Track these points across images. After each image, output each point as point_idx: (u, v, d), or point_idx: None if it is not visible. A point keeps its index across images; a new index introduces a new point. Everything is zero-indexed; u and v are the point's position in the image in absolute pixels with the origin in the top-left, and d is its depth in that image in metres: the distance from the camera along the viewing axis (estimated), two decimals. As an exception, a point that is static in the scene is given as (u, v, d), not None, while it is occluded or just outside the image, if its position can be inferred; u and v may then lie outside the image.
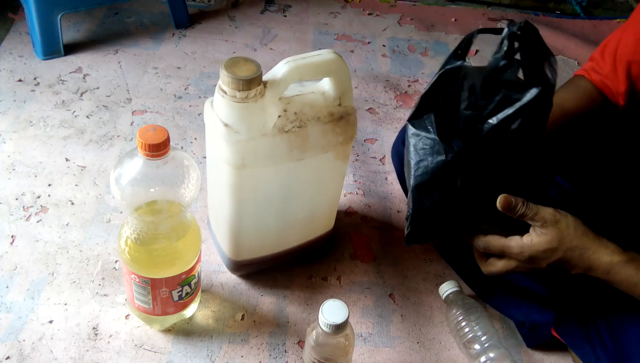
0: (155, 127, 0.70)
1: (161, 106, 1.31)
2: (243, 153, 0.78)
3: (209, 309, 0.93)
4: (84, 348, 0.86)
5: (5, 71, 1.34)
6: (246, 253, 0.94)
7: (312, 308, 0.96)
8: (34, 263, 0.96)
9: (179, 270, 0.80)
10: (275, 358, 0.88)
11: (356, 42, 1.61)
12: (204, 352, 0.88)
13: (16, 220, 1.03)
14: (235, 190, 0.83)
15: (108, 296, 0.93)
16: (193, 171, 0.75)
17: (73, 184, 1.10)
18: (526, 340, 0.94)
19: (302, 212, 0.93)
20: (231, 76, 0.74)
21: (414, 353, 0.92)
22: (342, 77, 0.82)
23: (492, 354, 0.86)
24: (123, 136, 1.22)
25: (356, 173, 1.21)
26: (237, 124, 0.77)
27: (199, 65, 1.44)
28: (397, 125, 1.34)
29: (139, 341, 0.88)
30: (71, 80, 1.34)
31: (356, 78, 1.47)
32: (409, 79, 1.50)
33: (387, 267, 1.04)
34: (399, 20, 1.73)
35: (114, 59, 1.42)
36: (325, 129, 0.83)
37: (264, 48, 1.54)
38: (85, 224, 1.03)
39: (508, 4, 1.87)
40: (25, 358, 0.84)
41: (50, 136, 1.19)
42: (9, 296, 0.91)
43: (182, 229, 0.79)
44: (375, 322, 0.95)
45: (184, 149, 1.21)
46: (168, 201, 0.76)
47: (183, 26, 1.56)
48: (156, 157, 0.70)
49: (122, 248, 0.79)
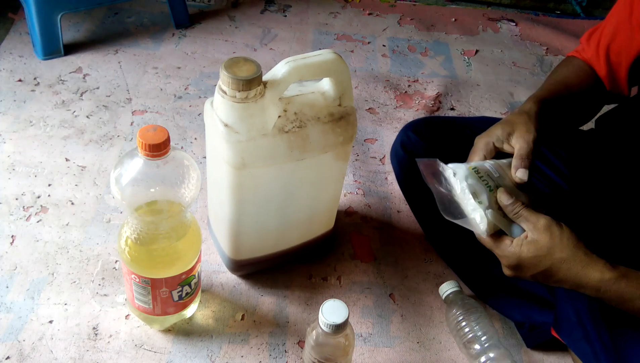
0: (155, 127, 0.70)
1: (161, 106, 1.31)
2: (243, 153, 0.78)
3: (209, 309, 0.93)
4: (84, 348, 0.86)
5: (5, 71, 1.34)
6: (246, 253, 0.94)
7: (312, 308, 0.96)
8: (34, 263, 0.96)
9: (179, 270, 0.80)
10: (275, 358, 0.88)
11: (356, 42, 1.61)
12: (204, 352, 0.88)
13: (16, 220, 1.03)
14: (235, 190, 0.83)
15: (108, 296, 0.93)
16: (193, 171, 0.75)
17: (73, 184, 1.10)
18: (526, 340, 0.94)
19: (302, 212, 0.92)
20: (231, 76, 0.74)
21: (414, 353, 0.92)
22: (342, 77, 0.82)
23: (492, 354, 0.87)
24: (123, 136, 1.22)
25: (356, 173, 1.21)
26: (237, 124, 0.77)
27: (199, 65, 1.44)
28: (397, 125, 1.34)
29: (139, 341, 0.88)
30: (71, 80, 1.34)
31: (356, 78, 1.47)
32: (409, 79, 1.50)
33: (387, 267, 1.04)
34: (399, 20, 1.73)
35: (114, 59, 1.42)
36: (325, 129, 0.83)
37: (264, 48, 1.54)
38: (85, 225, 1.03)
39: (508, 4, 1.87)
40: (25, 358, 0.84)
41: (50, 136, 1.19)
42: (9, 296, 0.91)
43: (182, 229, 0.79)
44: (375, 322, 0.95)
45: (184, 149, 1.21)
46: (168, 201, 0.76)
47: (183, 26, 1.56)
48: (156, 157, 0.70)
49: (122, 248, 0.79)
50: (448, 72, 1.55)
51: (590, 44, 0.90)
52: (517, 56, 1.64)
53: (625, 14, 0.85)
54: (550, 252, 0.70)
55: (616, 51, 0.87)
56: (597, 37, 0.89)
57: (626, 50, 0.86)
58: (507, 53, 1.65)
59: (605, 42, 0.88)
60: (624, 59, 0.87)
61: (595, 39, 0.90)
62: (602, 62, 0.88)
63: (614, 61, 0.87)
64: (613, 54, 0.87)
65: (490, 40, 1.70)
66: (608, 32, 0.88)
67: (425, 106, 1.41)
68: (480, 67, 1.58)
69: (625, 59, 0.86)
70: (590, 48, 0.90)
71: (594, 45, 0.90)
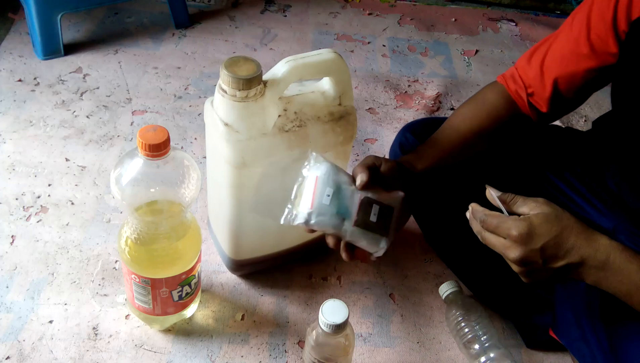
0: (155, 127, 0.70)
1: (161, 106, 1.31)
2: (243, 152, 0.78)
3: (209, 309, 0.93)
4: (84, 348, 0.86)
5: (5, 71, 1.34)
6: (246, 253, 0.94)
7: (312, 308, 0.96)
8: (34, 263, 0.96)
9: (179, 270, 0.80)
10: (275, 358, 0.88)
11: (356, 42, 1.61)
12: (204, 352, 0.88)
13: (16, 220, 1.02)
14: (235, 190, 0.83)
15: (108, 296, 0.93)
16: (193, 171, 0.75)
17: (73, 184, 1.10)
18: (526, 340, 0.94)
19: (302, 212, 0.92)
20: (231, 75, 0.74)
21: (414, 353, 0.92)
22: (342, 77, 0.82)
23: (492, 354, 0.86)
24: (123, 136, 1.22)
25: (356, 173, 1.21)
26: (237, 124, 0.77)
27: (199, 65, 1.44)
28: (397, 125, 1.34)
29: (139, 341, 0.88)
30: (71, 80, 1.34)
31: (356, 78, 1.47)
32: (409, 79, 1.50)
33: (387, 267, 1.04)
34: (399, 20, 1.73)
35: (114, 59, 1.42)
36: (325, 128, 0.83)
37: (264, 48, 1.54)
38: (85, 225, 1.03)
39: (508, 4, 1.87)
40: (25, 358, 0.84)
41: (50, 136, 1.19)
42: (9, 296, 0.91)
43: (182, 229, 0.79)
44: (375, 322, 0.95)
45: (184, 149, 1.21)
46: (168, 201, 0.76)
47: (183, 26, 1.56)
48: (156, 157, 0.70)
49: (122, 248, 0.79)
50: (448, 72, 1.55)
51: (532, 64, 0.86)
52: (517, 56, 1.64)
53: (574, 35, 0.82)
54: (558, 218, 0.69)
55: (560, 70, 0.83)
56: (541, 58, 0.85)
57: (571, 72, 0.82)
58: (507, 53, 1.66)
59: (552, 69, 0.84)
60: (567, 80, 0.83)
61: (537, 59, 0.85)
62: (548, 84, 0.84)
63: (563, 88, 0.84)
64: (563, 82, 0.83)
65: (490, 40, 1.70)
66: (554, 58, 0.84)
67: (425, 106, 1.41)
68: (480, 67, 1.58)
69: (570, 80, 0.83)
70: (532, 68, 0.86)
71: (537, 65, 0.85)
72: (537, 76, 0.85)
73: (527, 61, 0.87)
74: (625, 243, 0.87)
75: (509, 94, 0.89)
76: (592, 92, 0.86)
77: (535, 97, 0.86)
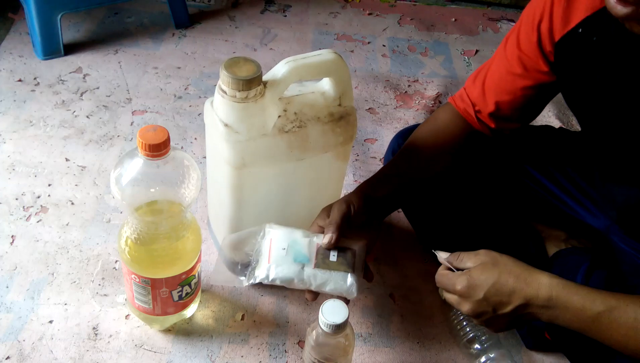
0: (155, 127, 0.70)
1: (161, 106, 1.31)
2: (243, 153, 0.78)
3: (209, 309, 0.93)
4: (84, 348, 0.86)
5: (5, 71, 1.34)
6: (246, 253, 0.94)
7: (312, 308, 0.96)
8: (34, 263, 0.96)
9: (179, 270, 0.80)
10: (275, 358, 0.88)
11: (356, 42, 1.61)
12: (204, 352, 0.88)
13: (16, 220, 1.03)
14: (235, 190, 0.83)
15: (108, 296, 0.93)
16: (193, 171, 0.75)
17: (73, 184, 1.10)
18: (526, 341, 0.94)
19: (302, 212, 0.92)
20: (231, 76, 0.74)
21: (414, 353, 0.92)
22: (342, 77, 0.82)
23: (492, 354, 0.87)
24: (123, 136, 1.22)
25: (356, 172, 1.21)
26: (237, 124, 0.77)
27: (199, 65, 1.44)
28: (397, 125, 1.34)
29: (139, 341, 0.88)
30: (71, 80, 1.34)
31: (356, 78, 1.47)
32: (409, 79, 1.50)
33: (387, 267, 1.04)
34: (399, 20, 1.73)
35: (114, 59, 1.42)
36: (325, 129, 0.83)
37: (264, 48, 1.54)
38: (85, 225, 1.03)
39: (508, 4, 1.86)
40: (25, 358, 0.84)
41: (50, 136, 1.19)
42: (9, 296, 0.91)
43: (182, 229, 0.79)
44: (375, 322, 0.95)
45: (184, 149, 1.21)
46: (168, 201, 0.76)
47: (183, 26, 1.56)
48: (156, 157, 0.70)
49: (122, 248, 0.79)
50: (448, 72, 1.55)
51: (476, 84, 0.88)
52: (517, 56, 1.64)
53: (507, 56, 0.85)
54: (494, 265, 0.72)
55: (499, 88, 0.86)
56: (482, 79, 0.87)
57: (510, 90, 0.84)
58: (507, 53, 1.65)
59: (491, 91, 0.86)
60: (507, 96, 0.85)
61: (480, 80, 0.88)
62: (490, 102, 0.86)
63: (503, 109, 0.86)
64: (503, 105, 0.85)
65: (490, 40, 1.70)
66: (493, 79, 0.86)
67: (425, 106, 1.41)
68: (480, 67, 1.58)
69: (510, 98, 0.85)
70: (476, 88, 0.88)
71: (480, 85, 0.87)
72: (480, 95, 0.87)
73: (472, 81, 0.90)
74: (619, 244, 0.88)
75: (459, 113, 0.91)
76: (541, 105, 0.88)
77: (482, 114, 0.88)
